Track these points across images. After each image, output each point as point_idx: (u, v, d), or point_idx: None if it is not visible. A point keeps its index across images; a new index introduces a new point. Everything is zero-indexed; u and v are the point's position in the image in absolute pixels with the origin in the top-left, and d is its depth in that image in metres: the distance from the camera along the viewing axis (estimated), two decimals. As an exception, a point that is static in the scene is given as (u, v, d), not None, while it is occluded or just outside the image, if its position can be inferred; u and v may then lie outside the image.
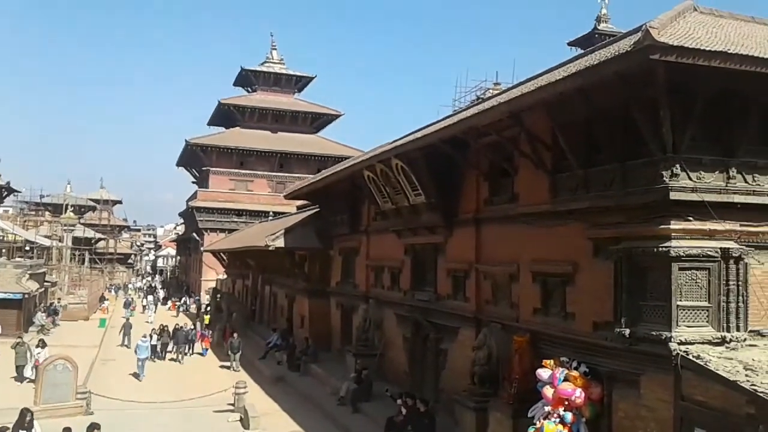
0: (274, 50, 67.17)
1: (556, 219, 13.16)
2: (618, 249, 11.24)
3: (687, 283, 10.45)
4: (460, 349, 16.98)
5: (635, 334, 10.78)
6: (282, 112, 63.96)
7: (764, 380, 8.99)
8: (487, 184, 16.32)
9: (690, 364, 9.92)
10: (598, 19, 45.87)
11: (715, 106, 10.28)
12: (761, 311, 10.71)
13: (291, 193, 32.65)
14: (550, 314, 13.58)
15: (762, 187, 10.74)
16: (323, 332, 28.51)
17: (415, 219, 19.30)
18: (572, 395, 11.67)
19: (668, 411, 10.43)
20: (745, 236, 10.70)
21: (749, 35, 10.84)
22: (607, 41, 14.34)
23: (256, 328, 37.92)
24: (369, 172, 20.63)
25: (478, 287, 16.52)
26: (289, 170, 60.48)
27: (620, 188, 11.22)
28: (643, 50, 8.86)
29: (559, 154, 12.81)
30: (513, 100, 12.40)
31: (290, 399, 22.10)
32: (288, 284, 33.08)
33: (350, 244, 26.32)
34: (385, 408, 17.96)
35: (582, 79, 10.37)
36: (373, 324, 22.90)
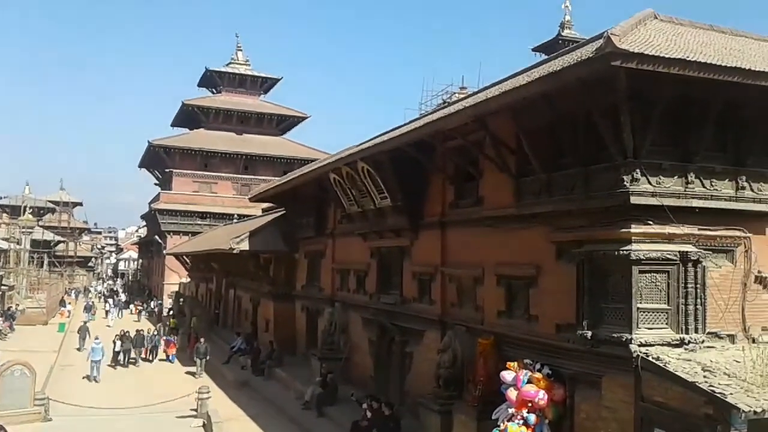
0: (239, 51, 66.54)
1: (520, 222, 13.29)
2: (580, 252, 11.40)
3: (647, 285, 10.65)
4: (426, 352, 17.03)
5: (597, 336, 10.94)
6: (247, 113, 63.35)
7: (722, 381, 9.21)
8: (453, 188, 16.42)
9: (650, 366, 10.10)
10: (562, 26, 46.59)
11: (675, 112, 10.50)
12: (719, 313, 10.96)
13: (256, 196, 32.41)
14: (514, 317, 13.71)
15: (719, 191, 10.99)
16: (288, 336, 28.32)
17: (381, 222, 19.31)
18: (535, 397, 11.79)
19: (629, 412, 10.60)
20: (703, 240, 10.95)
21: (708, 43, 11.10)
22: (570, 47, 14.54)
23: (220, 333, 37.48)
24: (335, 175, 20.59)
25: (444, 290, 16.59)
26: (254, 172, 59.94)
27: (583, 192, 11.38)
28: (605, 57, 9.01)
29: (523, 158, 12.94)
30: (478, 104, 12.50)
31: (254, 404, 21.88)
32: (253, 288, 32.78)
33: (316, 247, 26.21)
34: (350, 412, 17.90)
35: (545, 84, 10.49)
36: (339, 327, 22.81)
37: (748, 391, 8.92)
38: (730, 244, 11.21)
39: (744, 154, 11.08)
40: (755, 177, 11.17)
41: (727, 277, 11.14)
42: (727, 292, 11.05)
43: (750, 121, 11.02)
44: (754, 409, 8.47)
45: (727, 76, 9.47)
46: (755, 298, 11.30)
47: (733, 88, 9.79)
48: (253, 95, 65.91)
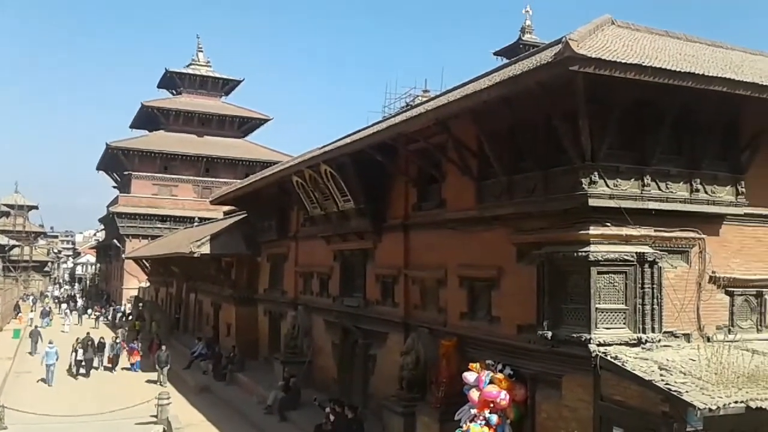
0: (200, 52, 65.79)
1: (482, 225, 13.41)
2: (540, 254, 11.56)
3: (605, 286, 10.84)
4: (389, 355, 17.05)
5: (557, 337, 11.10)
6: (208, 115, 62.68)
7: (678, 379, 9.41)
8: (416, 190, 16.49)
9: (608, 365, 10.28)
10: (523, 30, 47.11)
11: (631, 116, 10.71)
12: (674, 313, 11.21)
13: (217, 199, 32.08)
14: (476, 318, 13.81)
15: (674, 194, 11.24)
16: (250, 340, 28.08)
17: (345, 225, 19.28)
18: (497, 397, 11.90)
19: (588, 411, 10.77)
20: (659, 241, 11.19)
21: (663, 49, 11.35)
22: (530, 52, 14.74)
23: (181, 338, 36.94)
24: (298, 178, 20.50)
25: (407, 292, 16.64)
26: (215, 175, 59.33)
27: (542, 195, 11.53)
28: (563, 61, 9.15)
29: (485, 161, 13.06)
30: (440, 107, 12.59)
31: (216, 409, 21.61)
32: (214, 291, 32.41)
33: (278, 250, 26.05)
34: (313, 416, 17.80)
35: (505, 88, 10.63)
36: (302, 331, 22.72)
37: (704, 389, 9.12)
38: (685, 245, 11.47)
39: (698, 157, 11.35)
40: (709, 179, 11.45)
41: (682, 277, 11.40)
42: (683, 292, 11.31)
43: (703, 125, 11.31)
44: (709, 406, 8.67)
45: (682, 81, 9.70)
46: (709, 298, 11.60)
47: (687, 92, 10.03)
48: (215, 97, 65.25)
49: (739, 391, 9.18)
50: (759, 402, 9.02)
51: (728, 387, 9.25)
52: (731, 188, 11.63)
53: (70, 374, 27.45)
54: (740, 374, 9.69)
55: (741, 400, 8.96)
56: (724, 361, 9.94)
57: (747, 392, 9.18)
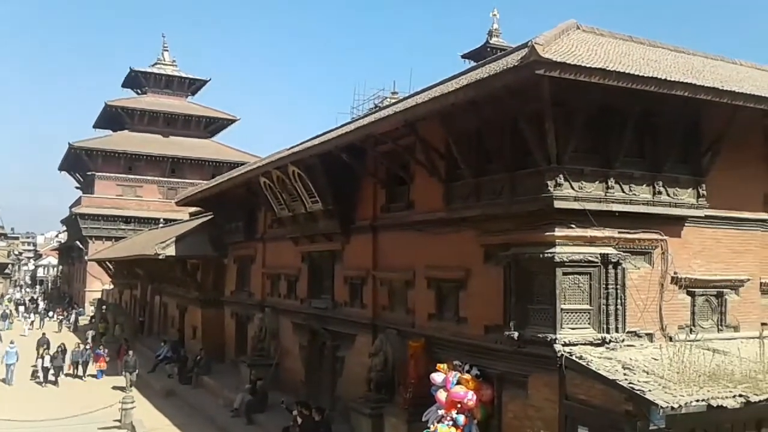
0: (165, 51, 64.96)
1: (449, 226, 13.47)
2: (507, 255, 11.67)
3: (570, 287, 10.99)
4: (357, 356, 17.03)
5: (523, 337, 11.21)
6: (174, 115, 61.90)
7: (641, 378, 9.58)
8: (384, 192, 16.50)
9: (573, 365, 10.42)
10: (490, 34, 47.57)
11: (596, 120, 10.87)
12: (637, 313, 11.41)
13: (183, 200, 31.69)
14: (444, 319, 13.87)
15: (637, 196, 11.42)
16: (217, 343, 27.80)
17: (312, 226, 19.21)
18: (464, 398, 11.96)
19: (554, 410, 10.89)
20: (623, 242, 11.37)
21: (627, 53, 11.55)
22: (497, 55, 14.89)
23: (145, 341, 36.43)
24: (265, 179, 20.35)
25: (375, 294, 16.64)
26: (181, 176, 58.62)
27: (509, 197, 11.63)
28: (529, 65, 9.26)
29: (452, 163, 13.13)
30: (408, 109, 12.62)
31: (181, 413, 21.36)
32: (180, 294, 32.01)
33: (245, 252, 25.84)
34: (280, 419, 17.69)
35: (472, 91, 10.70)
36: (269, 333, 22.56)
37: (666, 388, 9.30)
38: (648, 247, 11.68)
39: (660, 160, 11.56)
40: (671, 182, 11.67)
41: (645, 278, 11.60)
42: (646, 292, 11.51)
43: (666, 129, 11.53)
44: (671, 405, 8.84)
45: (645, 86, 9.87)
46: (672, 298, 11.82)
47: (650, 96, 10.22)
48: (180, 96, 64.49)
49: (700, 389, 9.39)
50: (719, 400, 9.23)
51: (690, 386, 9.45)
52: (692, 191, 11.87)
53: (37, 382, 26.64)
54: (701, 373, 9.91)
55: (702, 399, 9.16)
56: (686, 361, 10.15)
57: (708, 391, 9.39)
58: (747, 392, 9.53)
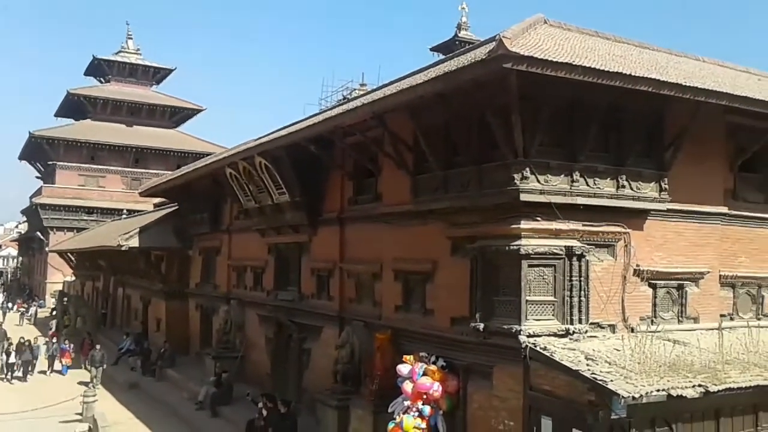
0: (129, 39, 63.76)
1: (417, 219, 13.50)
2: (474, 247, 11.74)
3: (535, 279, 11.11)
4: (324, 348, 17.00)
5: (489, 328, 11.31)
6: (138, 104, 60.85)
7: (603, 369, 9.73)
8: (352, 184, 16.46)
9: (537, 356, 10.54)
10: (459, 27, 47.76)
11: (562, 114, 10.97)
12: (601, 305, 11.58)
13: (147, 190, 31.24)
14: (411, 311, 13.92)
15: (602, 190, 11.57)
16: (181, 335, 27.52)
17: (280, 218, 19.09)
18: (430, 389, 12.03)
19: (518, 400, 11.02)
20: (587, 235, 11.52)
21: (593, 48, 11.68)
22: (465, 48, 14.93)
23: (108, 333, 35.87)
24: (231, 170, 20.14)
25: (342, 286, 16.61)
26: (145, 166, 57.71)
27: (476, 189, 11.68)
28: (497, 59, 9.30)
29: (420, 156, 13.15)
30: (376, 101, 12.59)
31: (145, 406, 21.11)
32: (143, 286, 31.60)
33: (211, 244, 25.58)
34: (245, 411, 17.59)
35: (441, 84, 10.71)
36: (235, 325, 22.41)
37: (628, 378, 9.47)
38: (612, 239, 11.86)
39: (624, 154, 11.72)
40: (634, 176, 11.85)
41: (608, 270, 11.78)
42: (609, 284, 11.70)
43: (630, 124, 11.68)
44: (632, 395, 9.00)
45: (610, 81, 9.99)
46: (634, 290, 12.03)
47: (615, 91, 10.36)
48: (145, 86, 63.43)
49: (660, 379, 9.58)
50: (679, 390, 9.43)
51: (651, 376, 9.64)
52: (655, 185, 12.07)
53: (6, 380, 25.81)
54: (662, 363, 10.11)
55: (662, 389, 9.35)
56: (647, 351, 10.34)
57: (668, 381, 9.58)
58: (706, 382, 9.76)
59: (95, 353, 25.05)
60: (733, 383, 10.07)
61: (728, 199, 13.33)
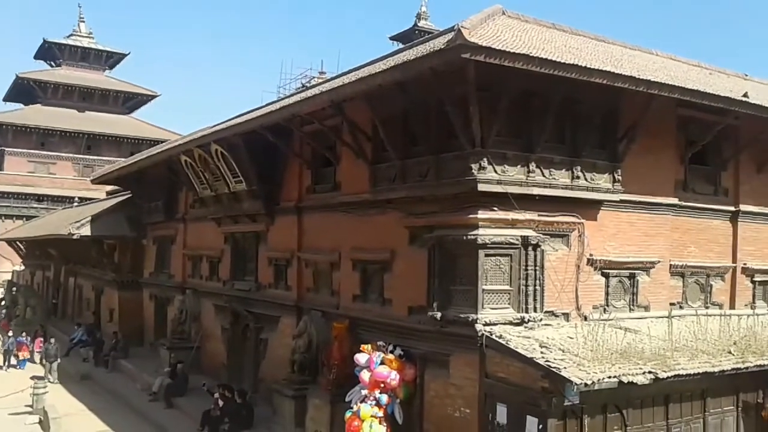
0: (82, 23, 61.88)
1: (375, 208, 13.49)
2: (431, 237, 11.79)
3: (492, 268, 11.22)
4: (281, 338, 16.91)
5: (446, 317, 11.39)
6: (90, 89, 59.20)
7: (557, 356, 9.90)
8: (310, 173, 16.35)
9: (493, 344, 10.67)
10: (419, 16, 47.76)
11: (519, 105, 11.06)
12: (555, 293, 11.78)
13: (99, 178, 30.59)
14: (368, 300, 13.93)
15: (557, 180, 11.74)
16: (135, 326, 27.10)
17: (236, 206, 18.86)
18: (388, 377, 12.08)
19: (474, 388, 11.15)
20: (542, 225, 11.68)
21: (550, 40, 11.79)
22: (425, 38, 14.89)
23: (59, 324, 35.01)
24: (187, 157, 19.80)
25: (300, 275, 16.53)
26: (97, 153, 56.28)
27: (434, 179, 11.72)
28: (456, 49, 9.32)
29: (379, 145, 13.12)
30: (334, 89, 12.51)
31: (97, 397, 20.71)
32: (95, 275, 30.94)
33: (166, 233, 25.15)
34: (201, 402, 17.41)
35: (400, 73, 10.70)
36: (190, 315, 22.14)
37: (580, 365, 9.66)
38: (566, 230, 12.05)
39: (579, 146, 11.90)
40: (589, 167, 12.03)
41: (563, 259, 11.98)
42: (563, 273, 11.90)
43: (585, 115, 11.86)
44: (585, 381, 9.20)
45: (566, 72, 10.11)
46: (587, 279, 12.26)
47: (571, 83, 10.48)
48: (98, 70, 61.72)
49: (612, 366, 9.80)
50: (630, 377, 9.68)
51: (603, 363, 9.85)
52: (609, 176, 12.29)
53: None
54: (614, 351, 10.34)
55: (614, 375, 9.58)
56: (600, 339, 10.58)
57: (619, 368, 9.81)
58: (656, 369, 10.03)
59: (49, 347, 24.12)
60: (681, 370, 10.39)
61: (679, 190, 13.67)
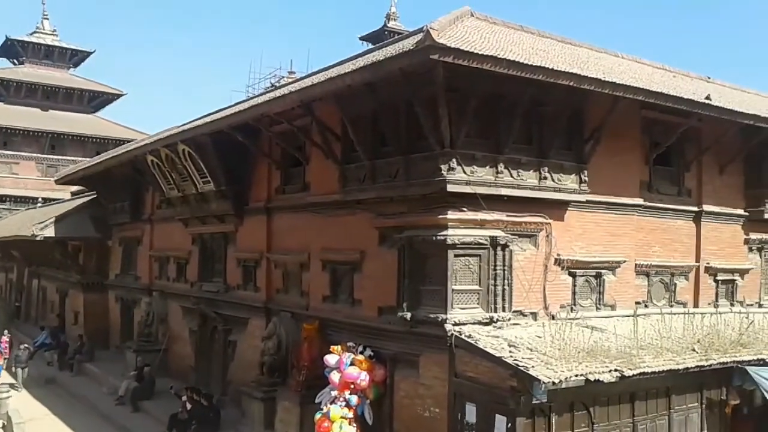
0: (45, 20, 60.58)
1: (345, 208, 13.47)
2: (401, 237, 11.82)
3: (461, 268, 11.29)
4: (250, 340, 16.78)
5: (415, 317, 11.42)
6: (54, 88, 57.97)
7: (525, 355, 10.00)
8: (279, 173, 16.26)
9: (462, 343, 10.73)
10: (388, 17, 47.72)
11: (487, 106, 11.14)
12: (523, 293, 11.89)
13: (64, 178, 30.04)
14: (338, 301, 13.90)
15: (525, 181, 11.85)
16: (100, 328, 26.64)
17: (204, 207, 18.66)
18: (357, 378, 12.07)
19: (443, 388, 11.20)
20: (511, 225, 11.79)
21: (517, 42, 11.89)
22: (394, 38, 14.92)
23: (22, 327, 34.28)
24: (153, 157, 19.53)
25: (269, 276, 16.43)
26: (62, 152, 55.14)
27: (404, 180, 11.74)
28: (424, 50, 9.36)
29: (348, 146, 13.10)
30: (304, 89, 12.46)
31: (62, 401, 20.33)
32: (59, 277, 30.35)
33: (132, 234, 24.79)
34: (168, 405, 17.20)
35: (369, 73, 10.71)
36: (157, 318, 21.86)
37: (548, 364, 9.76)
38: (534, 230, 12.18)
39: (546, 147, 12.03)
40: (556, 168, 12.18)
41: (530, 259, 12.10)
42: (531, 273, 12.02)
43: (552, 117, 11.99)
44: (552, 380, 9.31)
45: (533, 74, 10.22)
46: (555, 279, 12.41)
47: (538, 85, 10.61)
48: (62, 68, 60.45)
49: (579, 365, 9.93)
50: (597, 375, 9.81)
51: (570, 361, 9.97)
52: (575, 177, 12.45)
53: None
54: (580, 349, 10.48)
55: (581, 374, 9.70)
56: (567, 338, 10.71)
57: (586, 366, 9.94)
58: (622, 367, 10.19)
59: (20, 353, 23.35)
60: (647, 367, 10.56)
61: (643, 190, 13.91)
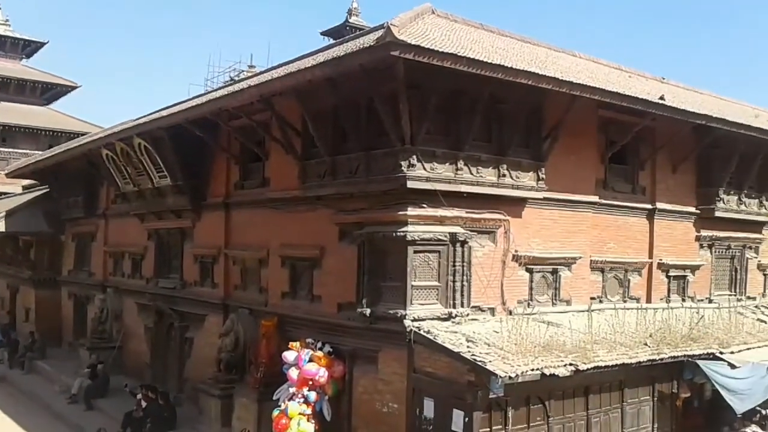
0: (-4, 9, 58.86)
1: (305, 204, 13.41)
2: (361, 234, 11.83)
3: (420, 264, 11.37)
4: (207, 337, 16.58)
5: (375, 314, 11.46)
6: (5, 78, 56.00)
7: (482, 350, 10.12)
8: (238, 168, 16.10)
9: (421, 339, 10.80)
10: (350, 12, 47.56)
11: (447, 103, 11.22)
12: (481, 289, 12.03)
13: (14, 172, 29.11)
14: (297, 297, 13.84)
15: (484, 178, 11.96)
16: (53, 325, 25.94)
17: (160, 202, 18.35)
18: (316, 375, 12.04)
19: (402, 383, 11.26)
20: (470, 222, 11.90)
21: (477, 41, 11.98)
22: (356, 34, 14.91)
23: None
24: (108, 151, 19.12)
25: (227, 273, 16.25)
26: (13, 145, 53.41)
27: (364, 176, 11.74)
28: (385, 46, 9.36)
29: (309, 141, 13.03)
30: (263, 84, 12.36)
31: (12, 400, 19.78)
32: (10, 273, 29.47)
33: (85, 229, 24.23)
34: (123, 403, 16.86)
35: (329, 69, 10.66)
36: (111, 314, 21.41)
37: (505, 359, 9.90)
38: (492, 226, 12.31)
39: (506, 144, 12.16)
40: (514, 166, 12.32)
41: (489, 256, 12.24)
42: (489, 269, 12.16)
43: (511, 115, 12.13)
44: (509, 374, 9.44)
45: (492, 72, 10.33)
46: (512, 275, 12.57)
47: (497, 83, 10.72)
48: (14, 59, 58.48)
49: (535, 359, 10.09)
50: (552, 369, 9.99)
51: (526, 356, 10.13)
52: (533, 174, 12.62)
53: None
54: (537, 344, 10.65)
55: (537, 368, 9.87)
56: (523, 333, 10.87)
57: (542, 360, 10.12)
58: (576, 361, 10.39)
59: None
60: (601, 362, 10.79)
61: (599, 188, 14.19)
